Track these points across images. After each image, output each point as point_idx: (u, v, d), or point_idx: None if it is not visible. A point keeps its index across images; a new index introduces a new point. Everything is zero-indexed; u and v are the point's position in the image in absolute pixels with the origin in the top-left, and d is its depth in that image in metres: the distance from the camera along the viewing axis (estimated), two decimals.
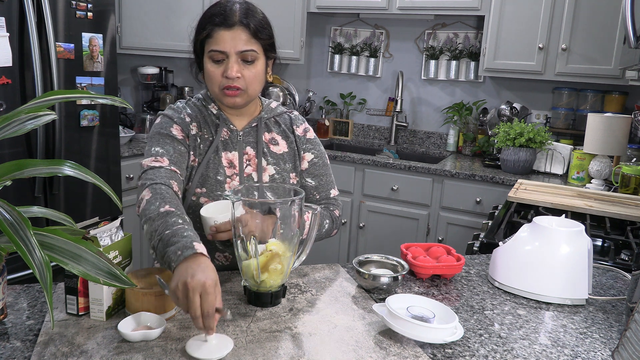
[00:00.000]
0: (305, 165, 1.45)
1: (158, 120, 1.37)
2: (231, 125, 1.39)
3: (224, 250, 1.38)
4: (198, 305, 0.91)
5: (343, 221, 3.21)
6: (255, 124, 1.41)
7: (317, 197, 1.48)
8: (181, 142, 1.33)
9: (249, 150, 1.39)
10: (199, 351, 0.90)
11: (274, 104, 1.47)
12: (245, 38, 1.27)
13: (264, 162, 1.39)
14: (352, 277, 1.29)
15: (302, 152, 1.45)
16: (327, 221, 1.45)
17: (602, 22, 2.76)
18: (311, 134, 1.48)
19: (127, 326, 0.96)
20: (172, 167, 1.28)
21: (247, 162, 1.38)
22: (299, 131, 1.46)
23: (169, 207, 1.13)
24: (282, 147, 1.43)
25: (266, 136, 1.42)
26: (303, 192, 1.14)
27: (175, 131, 1.34)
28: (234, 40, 1.26)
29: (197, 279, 0.92)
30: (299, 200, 1.10)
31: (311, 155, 1.46)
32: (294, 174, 1.44)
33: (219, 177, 1.35)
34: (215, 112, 1.39)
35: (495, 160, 3.08)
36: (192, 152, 1.35)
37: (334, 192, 1.51)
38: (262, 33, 1.30)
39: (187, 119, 1.37)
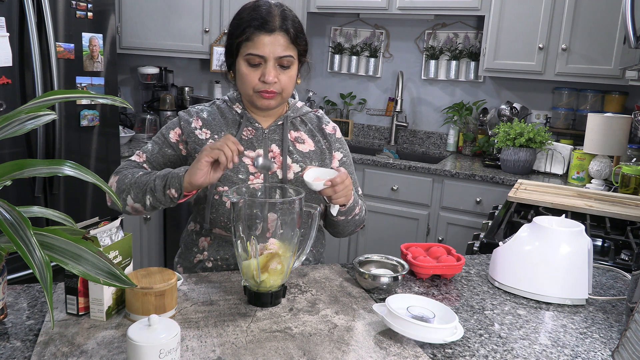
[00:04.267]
0: (335, 164, 1.45)
1: (174, 119, 1.44)
2: (256, 124, 1.39)
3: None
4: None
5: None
6: (281, 122, 1.40)
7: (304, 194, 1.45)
8: (172, 145, 1.39)
9: (274, 148, 1.38)
10: (141, 336, 0.85)
11: (299, 104, 1.47)
12: (284, 44, 1.28)
13: (288, 160, 1.37)
14: (352, 277, 1.29)
15: (333, 150, 1.45)
16: (364, 207, 1.47)
17: (602, 22, 2.76)
18: (339, 133, 1.49)
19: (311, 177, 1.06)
20: (144, 165, 1.39)
21: (272, 160, 1.37)
22: (328, 129, 1.46)
23: (142, 172, 1.30)
24: (308, 145, 1.42)
25: (292, 134, 1.41)
26: (303, 192, 1.14)
27: (172, 134, 1.39)
28: (273, 45, 1.27)
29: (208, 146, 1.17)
30: (299, 200, 1.10)
31: (341, 155, 1.47)
32: None
33: (240, 176, 1.34)
34: (239, 111, 1.40)
35: (495, 160, 3.08)
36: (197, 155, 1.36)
37: (360, 191, 1.52)
38: (300, 39, 1.32)
39: (196, 125, 1.38)
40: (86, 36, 2.52)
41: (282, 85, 1.31)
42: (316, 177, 1.24)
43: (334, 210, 1.29)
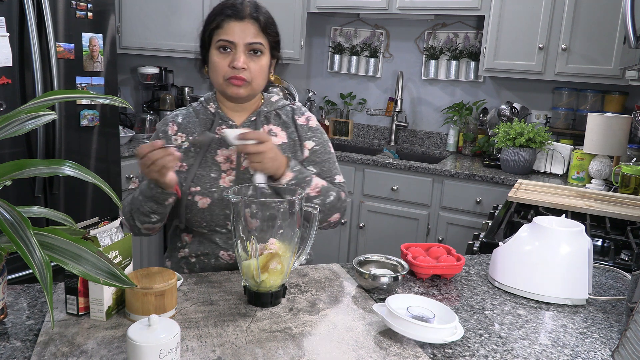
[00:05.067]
0: (306, 153, 1.45)
1: (153, 134, 1.48)
2: (230, 122, 1.41)
3: (227, 248, 1.39)
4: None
5: (343, 221, 3.21)
6: (254, 117, 1.42)
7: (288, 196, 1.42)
8: None
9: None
10: (141, 336, 0.84)
11: (275, 98, 1.48)
12: (254, 31, 1.32)
13: None
14: (352, 277, 1.29)
15: (303, 140, 1.45)
16: (333, 193, 1.41)
17: (602, 22, 2.76)
18: (314, 122, 1.49)
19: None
20: None
21: (245, 156, 1.37)
22: (301, 120, 1.47)
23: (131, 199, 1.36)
24: (280, 138, 1.43)
25: (265, 129, 1.43)
26: (303, 192, 1.14)
27: None
28: (243, 32, 1.31)
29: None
30: (299, 200, 1.10)
31: (312, 143, 1.46)
32: None
33: (212, 175, 1.37)
34: (212, 110, 1.42)
35: (495, 160, 3.08)
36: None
37: (339, 178, 1.49)
38: (271, 29, 1.36)
39: (171, 131, 1.43)
40: (86, 36, 2.52)
41: (252, 74, 1.33)
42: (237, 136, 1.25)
43: (258, 178, 1.28)
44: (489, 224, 1.97)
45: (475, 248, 1.81)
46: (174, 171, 1.29)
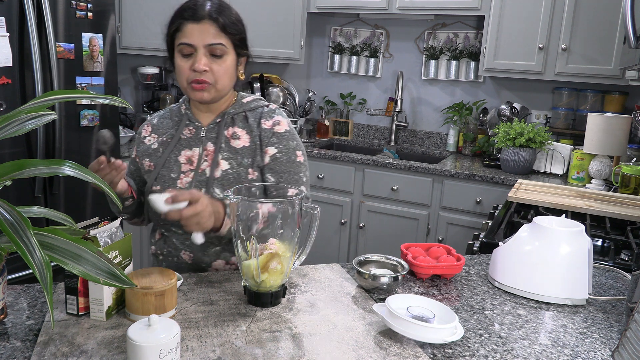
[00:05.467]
0: (266, 159, 1.37)
1: None
2: (196, 123, 1.41)
3: (185, 249, 1.40)
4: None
5: (343, 221, 3.21)
6: (219, 119, 1.39)
7: (275, 194, 1.32)
8: (133, 161, 1.49)
9: (209, 146, 1.38)
10: (141, 336, 0.85)
11: (248, 99, 1.43)
12: (213, 32, 1.28)
13: (219, 157, 1.36)
14: (352, 277, 1.29)
15: (265, 146, 1.37)
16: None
17: (602, 22, 2.76)
18: (281, 128, 1.38)
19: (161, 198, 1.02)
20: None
21: (205, 158, 1.37)
22: (266, 124, 1.38)
23: None
24: (242, 141, 1.38)
25: (229, 131, 1.39)
26: (303, 192, 1.14)
27: (133, 151, 1.49)
28: (202, 33, 1.28)
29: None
30: (299, 200, 1.10)
31: (274, 150, 1.37)
32: (252, 169, 1.37)
33: (172, 175, 1.38)
34: (182, 111, 1.43)
35: (495, 160, 3.08)
36: (145, 160, 1.43)
37: (305, 191, 1.40)
38: (232, 28, 1.31)
39: (145, 132, 1.46)
40: (86, 36, 2.52)
41: (215, 76, 1.30)
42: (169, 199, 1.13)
43: (197, 237, 1.18)
44: (489, 224, 1.97)
45: (475, 248, 1.81)
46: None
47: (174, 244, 1.41)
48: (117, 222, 1.09)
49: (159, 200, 1.10)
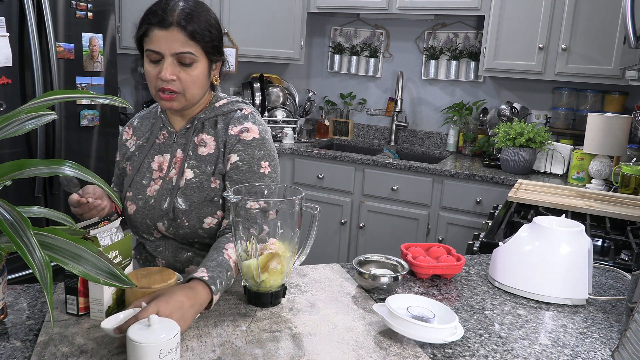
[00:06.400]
0: (227, 167, 1.29)
1: None
2: (169, 128, 1.36)
3: (157, 256, 1.40)
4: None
5: (343, 221, 3.21)
6: (189, 125, 1.33)
7: (229, 206, 1.18)
8: (117, 164, 1.46)
9: (179, 153, 1.33)
10: (141, 336, 0.84)
11: (222, 102, 1.35)
12: (181, 40, 1.20)
13: (185, 165, 1.32)
14: (352, 277, 1.29)
15: (228, 153, 1.29)
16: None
17: (602, 22, 2.76)
18: (248, 135, 1.29)
19: (110, 324, 0.94)
20: (114, 189, 1.46)
21: (174, 166, 1.33)
22: (233, 130, 1.30)
23: None
24: (209, 148, 1.32)
25: (198, 137, 1.33)
26: (303, 192, 1.14)
27: (118, 154, 1.47)
28: (169, 41, 1.20)
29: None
30: (299, 200, 1.10)
31: (235, 157, 1.29)
32: (214, 177, 1.30)
33: (144, 181, 1.36)
34: (158, 113, 1.40)
35: (495, 160, 3.08)
36: (127, 164, 1.42)
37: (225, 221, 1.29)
38: (202, 35, 1.22)
39: (127, 135, 1.44)
40: (86, 36, 2.52)
41: (184, 85, 1.23)
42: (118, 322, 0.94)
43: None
44: (489, 224, 1.97)
45: (475, 248, 1.81)
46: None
47: (148, 250, 1.42)
48: (117, 222, 1.09)
49: (108, 327, 0.93)
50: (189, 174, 1.31)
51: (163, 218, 1.32)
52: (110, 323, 0.94)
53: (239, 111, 1.35)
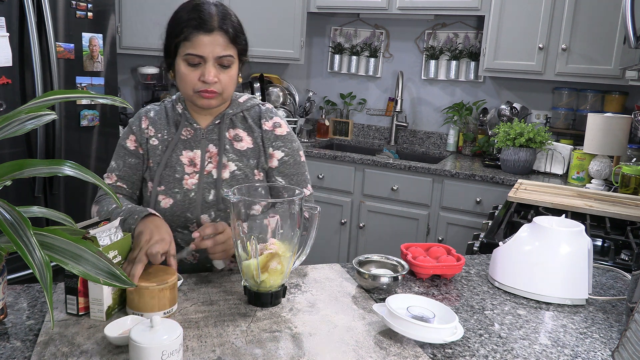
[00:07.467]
0: (274, 163, 1.41)
1: (125, 128, 1.45)
2: (194, 124, 1.39)
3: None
4: (134, 255, 1.09)
5: (343, 221, 3.21)
6: (218, 121, 1.39)
7: (286, 196, 1.35)
8: (133, 153, 1.41)
9: (212, 148, 1.38)
10: (144, 337, 0.84)
11: (243, 98, 1.43)
12: (223, 43, 1.27)
13: (224, 159, 1.37)
14: (352, 277, 1.29)
15: (269, 148, 1.40)
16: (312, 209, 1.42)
17: (602, 22, 2.76)
18: (282, 130, 1.41)
19: (113, 330, 0.95)
20: (119, 183, 1.41)
21: (209, 160, 1.37)
22: (267, 125, 1.40)
23: (114, 206, 1.32)
24: (246, 143, 1.39)
25: (230, 133, 1.39)
26: (303, 192, 1.14)
27: (130, 142, 1.42)
28: (212, 45, 1.26)
29: (145, 234, 1.14)
30: (299, 200, 1.10)
31: (281, 154, 1.41)
32: (258, 170, 1.40)
33: (176, 175, 1.37)
34: (180, 111, 1.41)
35: (495, 160, 3.08)
36: (147, 155, 1.40)
37: (306, 192, 1.43)
38: (240, 39, 1.32)
39: (144, 124, 1.42)
40: (86, 36, 2.52)
41: (223, 85, 1.30)
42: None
43: (218, 264, 1.28)
44: (489, 224, 1.97)
45: (475, 248, 1.81)
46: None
47: (178, 244, 1.40)
48: (117, 222, 1.09)
49: (112, 337, 0.93)
50: (231, 166, 1.37)
51: (209, 210, 1.36)
52: (113, 330, 0.94)
53: (261, 106, 1.43)
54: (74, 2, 2.44)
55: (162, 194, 1.37)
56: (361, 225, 3.18)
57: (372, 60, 3.74)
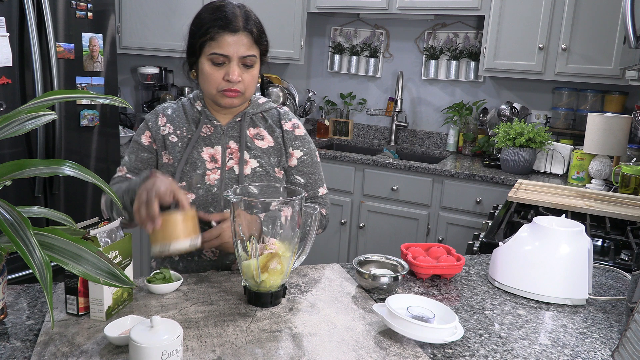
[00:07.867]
0: (294, 162, 1.45)
1: (141, 124, 1.46)
2: (214, 121, 1.41)
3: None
4: (143, 199, 1.14)
5: (343, 221, 3.21)
6: (239, 118, 1.42)
7: (305, 195, 1.44)
8: (147, 148, 1.43)
9: (232, 145, 1.40)
10: (143, 337, 0.84)
11: (262, 100, 1.47)
12: (247, 43, 1.31)
13: (246, 155, 1.40)
14: (352, 277, 1.29)
15: (289, 148, 1.45)
16: (325, 211, 1.49)
17: (602, 22, 2.76)
18: (300, 131, 1.47)
19: (113, 330, 0.95)
20: (128, 175, 1.43)
21: (230, 156, 1.39)
22: (287, 126, 1.45)
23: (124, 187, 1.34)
24: (267, 141, 1.43)
25: (251, 131, 1.42)
26: (303, 192, 1.14)
27: (144, 138, 1.43)
28: (237, 45, 1.29)
29: (150, 182, 1.17)
30: (299, 200, 1.10)
31: (300, 153, 1.46)
32: (278, 168, 1.44)
33: (197, 171, 1.38)
34: (199, 108, 1.42)
35: (495, 160, 3.08)
36: (164, 153, 1.41)
37: (322, 191, 1.52)
38: (263, 39, 1.36)
39: (161, 122, 1.43)
40: (86, 36, 2.52)
41: (246, 85, 1.33)
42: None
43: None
44: (489, 224, 1.97)
45: (475, 248, 1.81)
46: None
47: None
48: (117, 222, 1.09)
49: (112, 337, 0.94)
50: (253, 163, 1.40)
51: None
52: (113, 330, 0.94)
53: (278, 109, 1.48)
54: (74, 2, 2.44)
55: (184, 190, 1.37)
56: (361, 225, 3.18)
57: (372, 60, 3.74)
